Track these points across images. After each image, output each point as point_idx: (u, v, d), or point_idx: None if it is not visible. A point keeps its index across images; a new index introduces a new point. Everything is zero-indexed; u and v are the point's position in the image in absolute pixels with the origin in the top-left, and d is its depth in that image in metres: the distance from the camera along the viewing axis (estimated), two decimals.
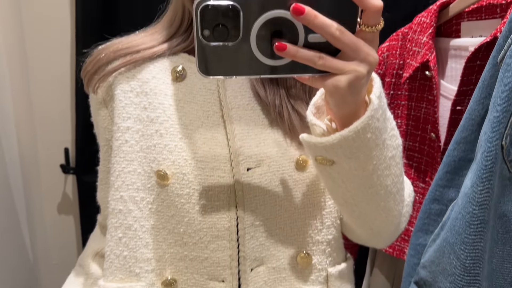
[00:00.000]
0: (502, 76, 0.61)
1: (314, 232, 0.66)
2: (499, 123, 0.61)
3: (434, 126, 0.87)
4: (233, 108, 0.64)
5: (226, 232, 0.62)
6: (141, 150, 0.63)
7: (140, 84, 0.65)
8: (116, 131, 0.65)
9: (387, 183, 0.56)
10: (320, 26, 0.43)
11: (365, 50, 0.44)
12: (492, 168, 0.62)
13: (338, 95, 0.46)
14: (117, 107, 0.65)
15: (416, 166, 0.94)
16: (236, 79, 0.65)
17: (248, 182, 0.61)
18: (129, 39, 0.69)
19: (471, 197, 0.63)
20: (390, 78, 0.95)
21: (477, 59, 0.80)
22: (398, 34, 0.94)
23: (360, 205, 0.58)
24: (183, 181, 0.61)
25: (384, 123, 0.52)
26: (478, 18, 0.87)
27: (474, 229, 0.63)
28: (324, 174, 0.56)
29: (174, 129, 0.63)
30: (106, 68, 0.67)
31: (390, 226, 0.63)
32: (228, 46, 0.45)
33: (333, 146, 0.49)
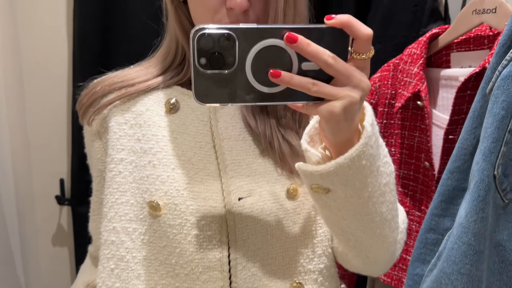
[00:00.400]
0: (491, 107, 0.62)
1: (306, 261, 0.66)
2: (490, 153, 0.62)
3: (428, 155, 0.88)
4: (224, 139, 0.64)
5: (218, 263, 0.62)
6: (134, 181, 0.64)
7: (134, 117, 0.66)
8: (109, 162, 0.65)
9: (382, 210, 0.56)
10: (313, 53, 0.44)
11: (357, 77, 0.45)
12: (485, 197, 0.62)
13: (333, 121, 0.46)
14: (111, 139, 0.66)
15: (412, 195, 0.94)
16: (228, 109, 0.66)
17: (240, 212, 0.62)
18: (124, 73, 0.70)
19: (466, 227, 0.64)
20: (382, 107, 0.96)
21: (467, 88, 0.82)
22: (389, 65, 0.96)
23: (356, 233, 0.58)
24: (175, 211, 0.62)
25: (378, 150, 0.53)
26: (466, 49, 0.89)
27: (470, 259, 0.63)
28: (320, 202, 0.56)
29: (167, 160, 0.63)
30: (102, 101, 0.68)
31: (386, 254, 0.63)
32: (224, 74, 0.46)
33: (329, 174, 0.49)
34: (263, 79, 0.46)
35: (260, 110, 0.65)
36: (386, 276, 0.96)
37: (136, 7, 1.23)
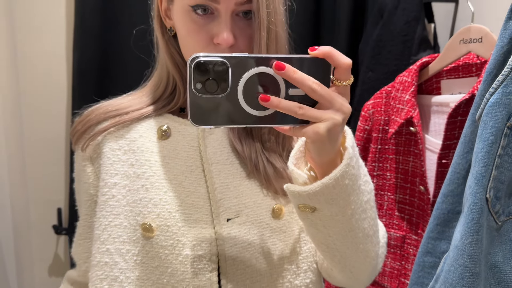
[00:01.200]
0: (481, 132, 0.65)
1: (293, 276, 0.68)
2: (482, 177, 0.64)
3: (422, 179, 0.90)
4: (213, 163, 0.67)
5: (208, 282, 0.64)
6: (128, 204, 0.66)
7: (128, 143, 0.69)
8: (103, 187, 0.68)
9: (365, 226, 0.59)
10: (299, 80, 0.48)
11: (339, 101, 0.49)
12: (479, 220, 0.64)
13: (319, 142, 0.50)
14: (105, 164, 0.69)
15: (408, 219, 0.95)
16: (216, 135, 0.70)
17: (228, 232, 0.64)
18: (117, 102, 0.74)
19: (462, 249, 0.65)
20: (377, 133, 0.99)
21: (458, 114, 0.84)
22: (382, 92, 0.99)
23: (341, 249, 0.61)
24: (168, 232, 0.64)
25: (358, 170, 0.56)
26: (456, 76, 0.92)
27: (466, 281, 0.64)
28: (307, 221, 0.59)
29: (159, 184, 0.66)
30: (96, 128, 0.71)
31: (369, 268, 0.66)
32: (218, 98, 0.49)
33: (316, 193, 0.52)
34: (253, 103, 0.50)
35: (245, 135, 0.69)
36: None
37: (129, 41, 1.27)
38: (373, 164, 1.00)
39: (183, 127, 0.70)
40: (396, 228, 0.97)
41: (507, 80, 0.62)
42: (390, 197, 0.98)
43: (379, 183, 1.00)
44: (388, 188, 0.99)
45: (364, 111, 1.01)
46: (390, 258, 0.97)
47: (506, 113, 0.63)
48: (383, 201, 0.99)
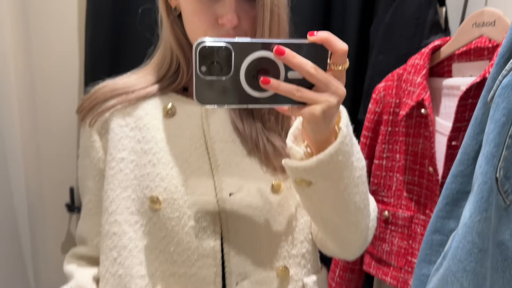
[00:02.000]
0: (493, 114, 0.66)
1: (290, 247, 0.73)
2: (492, 157, 0.66)
3: (432, 160, 0.92)
4: (216, 141, 0.71)
5: (211, 251, 0.68)
6: (135, 178, 0.70)
7: (134, 120, 0.72)
8: (110, 161, 0.71)
9: (356, 200, 0.63)
10: (297, 65, 0.51)
11: (334, 85, 0.53)
12: (488, 198, 0.66)
13: (314, 122, 0.54)
14: (113, 140, 0.72)
15: (416, 199, 0.98)
16: (219, 114, 0.73)
17: (231, 206, 0.69)
18: (123, 80, 0.76)
19: (470, 226, 0.67)
20: (387, 115, 1.00)
21: (469, 97, 0.86)
22: (393, 75, 1.01)
23: (334, 220, 0.65)
24: (174, 205, 0.68)
25: (352, 148, 0.60)
26: (467, 60, 0.93)
27: (474, 257, 0.67)
28: (303, 194, 0.64)
29: (166, 159, 0.70)
30: (103, 105, 0.74)
31: (360, 238, 0.70)
32: (221, 80, 0.53)
33: (311, 168, 0.57)
34: (255, 85, 0.53)
35: (247, 115, 0.72)
36: (392, 279, 0.99)
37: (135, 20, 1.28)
38: (383, 146, 1.02)
39: (188, 106, 0.73)
40: (404, 208, 0.99)
41: None
42: (399, 179, 1.00)
43: (388, 164, 1.02)
44: (397, 170, 1.01)
45: (375, 93, 1.02)
46: (397, 237, 1.00)
47: None
48: (392, 182, 1.02)
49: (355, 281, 1.10)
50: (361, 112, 1.20)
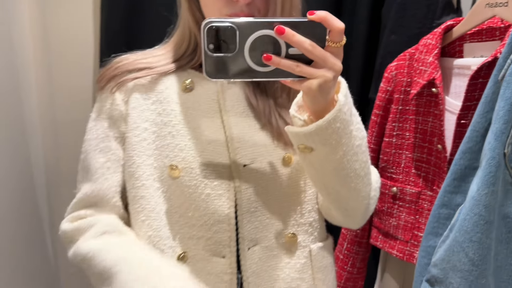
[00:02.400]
0: (503, 92, 0.69)
1: (298, 216, 0.78)
2: (501, 133, 0.69)
3: (441, 138, 0.95)
4: (231, 115, 0.75)
5: (226, 217, 0.73)
6: (157, 148, 0.74)
7: (155, 94, 0.76)
8: (135, 129, 0.75)
9: (356, 167, 0.67)
10: (297, 42, 0.55)
11: (331, 61, 0.57)
12: (496, 173, 0.69)
13: (311, 94, 0.58)
14: (137, 110, 0.76)
15: (424, 176, 1.01)
16: (233, 90, 0.77)
17: (244, 176, 0.73)
18: (145, 55, 0.80)
19: (478, 199, 0.70)
20: (398, 94, 1.03)
21: (480, 77, 0.88)
22: (405, 55, 1.03)
23: (336, 187, 0.69)
24: (191, 174, 0.72)
25: (351, 117, 0.64)
26: (479, 40, 0.95)
27: (480, 228, 0.70)
28: (306, 161, 0.68)
29: (184, 131, 0.74)
30: (126, 75, 0.77)
31: (361, 206, 0.74)
32: (227, 57, 0.58)
33: (311, 133, 0.61)
34: (258, 61, 0.58)
35: (260, 92, 0.77)
36: (398, 252, 1.04)
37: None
38: (393, 124, 1.05)
39: (205, 82, 0.77)
40: (412, 184, 1.02)
41: None
42: (408, 156, 1.03)
43: (398, 142, 1.05)
44: (406, 147, 1.03)
45: (387, 72, 1.05)
46: (405, 212, 1.03)
47: None
48: (400, 159, 1.05)
49: (362, 254, 1.14)
50: (372, 91, 1.23)
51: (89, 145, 0.78)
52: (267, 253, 0.76)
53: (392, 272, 1.09)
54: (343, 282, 1.15)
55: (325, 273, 0.80)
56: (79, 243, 0.73)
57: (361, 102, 1.27)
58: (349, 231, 1.13)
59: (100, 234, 0.72)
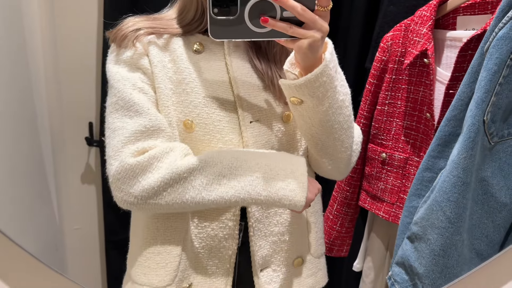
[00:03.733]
0: (486, 63, 0.73)
1: None
2: (482, 102, 0.74)
3: (430, 107, 1.00)
4: (237, 75, 0.82)
5: None
6: (173, 104, 0.79)
7: (169, 53, 0.81)
8: (159, 82, 0.78)
9: (340, 120, 0.75)
10: (290, 6, 0.63)
11: (320, 23, 0.65)
12: (475, 138, 0.74)
13: (302, 52, 0.67)
14: (157, 66, 0.78)
15: (412, 143, 1.06)
16: (239, 53, 0.84)
17: (251, 132, 0.80)
18: (154, 17, 0.83)
19: (457, 162, 0.76)
20: (393, 64, 1.07)
21: (469, 49, 0.92)
22: (401, 25, 1.06)
23: (322, 137, 0.77)
24: (205, 129, 0.79)
25: (335, 74, 0.72)
26: (472, 13, 0.98)
27: (458, 189, 0.76)
28: (297, 113, 0.76)
29: (198, 89, 0.79)
30: (139, 31, 0.79)
31: (344, 156, 0.81)
32: (230, 19, 0.66)
33: (301, 85, 0.69)
34: (256, 23, 0.66)
35: (262, 55, 0.84)
36: (384, 213, 1.10)
37: None
38: (386, 93, 1.09)
39: (213, 45, 0.82)
40: (401, 151, 1.08)
41: None
42: (398, 124, 1.08)
43: (389, 110, 1.09)
44: (397, 115, 1.08)
45: (383, 42, 1.08)
46: (392, 177, 1.09)
47: (511, 46, 0.71)
48: (391, 126, 1.10)
49: (350, 215, 1.21)
50: (368, 61, 1.26)
51: (123, 85, 0.75)
52: None
53: (378, 232, 1.17)
54: (332, 240, 1.22)
55: (316, 217, 0.90)
56: (169, 164, 0.70)
57: (358, 71, 1.31)
58: (339, 193, 1.20)
59: (186, 155, 0.73)
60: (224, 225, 0.80)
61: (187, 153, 0.74)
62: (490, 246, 0.79)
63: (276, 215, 0.83)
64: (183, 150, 0.73)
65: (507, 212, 0.77)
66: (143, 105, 0.74)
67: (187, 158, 0.72)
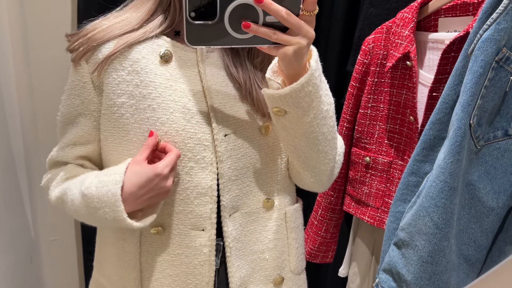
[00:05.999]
0: (472, 65, 0.72)
1: (274, 182, 0.82)
2: (468, 105, 0.73)
3: (413, 110, 0.99)
4: (212, 84, 0.75)
5: (209, 189, 0.74)
6: (136, 122, 0.73)
7: (130, 64, 0.74)
8: (111, 106, 0.74)
9: (324, 131, 0.72)
10: (274, 10, 0.58)
11: (305, 29, 0.61)
12: (461, 143, 0.73)
13: (287, 60, 0.62)
14: (111, 84, 0.74)
15: (396, 146, 1.05)
16: (213, 59, 0.78)
17: (226, 146, 0.75)
18: (117, 19, 0.76)
19: (443, 167, 0.75)
20: (375, 67, 1.06)
21: (452, 51, 0.91)
22: (382, 28, 1.05)
23: (305, 149, 0.73)
24: None
25: (320, 83, 0.68)
26: (453, 15, 0.98)
27: (445, 194, 0.75)
28: (279, 124, 0.71)
29: (166, 104, 0.73)
30: (98, 48, 0.74)
31: (327, 168, 0.78)
32: (208, 24, 0.60)
33: (285, 95, 0.65)
34: (237, 28, 0.60)
35: (240, 62, 0.78)
36: (369, 218, 1.09)
37: None
38: (369, 96, 1.08)
39: (183, 53, 0.76)
40: (384, 154, 1.07)
41: (500, 17, 0.68)
42: (381, 127, 1.07)
43: (372, 113, 1.08)
44: (380, 119, 1.07)
45: (364, 45, 1.07)
46: (376, 181, 1.08)
47: (496, 48, 0.70)
48: (374, 130, 1.08)
49: (335, 220, 1.19)
50: (350, 64, 1.25)
51: (61, 118, 0.80)
52: (247, 218, 0.79)
53: (363, 237, 1.15)
54: (317, 246, 1.20)
55: (297, 232, 0.86)
56: (51, 190, 0.82)
57: (339, 74, 1.30)
58: (323, 198, 1.18)
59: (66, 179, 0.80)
60: (199, 252, 0.75)
61: (68, 177, 0.79)
62: (478, 251, 0.78)
63: (255, 232, 0.80)
64: (65, 175, 0.79)
65: (494, 217, 0.76)
66: (62, 141, 0.81)
67: (58, 188, 0.79)
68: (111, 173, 0.71)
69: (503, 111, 0.76)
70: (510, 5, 0.67)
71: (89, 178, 0.74)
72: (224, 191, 0.75)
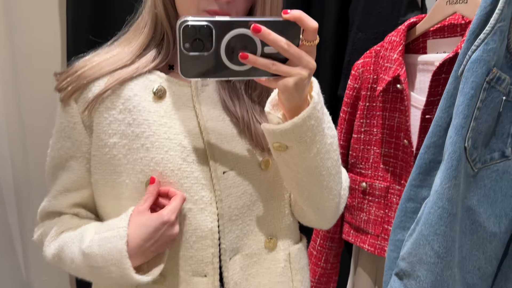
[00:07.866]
0: (462, 87, 0.70)
1: (277, 220, 0.77)
2: (461, 128, 0.71)
3: (407, 133, 0.97)
4: (208, 120, 0.72)
5: (209, 232, 0.70)
6: (129, 163, 0.69)
7: (122, 102, 0.70)
8: (103, 147, 0.70)
9: (328, 165, 0.68)
10: (272, 41, 0.56)
11: (306, 59, 0.58)
12: (457, 167, 0.70)
13: (287, 92, 0.59)
14: (102, 124, 0.70)
15: (392, 171, 1.02)
16: (208, 93, 0.75)
17: (225, 184, 0.71)
18: (108, 55, 0.73)
19: (441, 193, 0.72)
20: (365, 91, 1.04)
21: (442, 72, 0.90)
22: (371, 52, 1.04)
23: (308, 185, 0.69)
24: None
25: (323, 115, 0.65)
26: (441, 36, 0.97)
27: (444, 221, 0.72)
28: (280, 160, 0.68)
29: (160, 143, 0.69)
30: (87, 87, 0.71)
31: (332, 204, 0.74)
32: (203, 55, 0.57)
33: (287, 131, 0.61)
34: (234, 60, 0.58)
35: (237, 96, 0.75)
36: (370, 246, 1.05)
37: None
38: (361, 120, 1.06)
39: (177, 88, 0.72)
40: (381, 179, 1.04)
41: (488, 38, 0.67)
42: (376, 151, 1.05)
43: (366, 138, 1.06)
44: (374, 143, 1.05)
45: (354, 70, 1.06)
46: (374, 207, 1.05)
47: (486, 69, 0.68)
48: (369, 155, 1.06)
49: (335, 249, 1.15)
50: (341, 88, 1.24)
51: (51, 163, 0.76)
52: (248, 261, 0.74)
53: (365, 266, 1.11)
54: (317, 278, 1.16)
55: (302, 274, 0.80)
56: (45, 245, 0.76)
57: (331, 99, 1.29)
58: None
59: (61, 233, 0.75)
60: None
61: (63, 230, 0.74)
62: (483, 279, 0.74)
63: (257, 276, 0.75)
64: (59, 229, 0.75)
65: (497, 242, 0.73)
66: (54, 189, 0.76)
67: (53, 243, 0.74)
68: (113, 228, 0.67)
69: (498, 132, 0.73)
70: (497, 25, 0.66)
71: (89, 234, 0.69)
72: (224, 233, 0.71)
